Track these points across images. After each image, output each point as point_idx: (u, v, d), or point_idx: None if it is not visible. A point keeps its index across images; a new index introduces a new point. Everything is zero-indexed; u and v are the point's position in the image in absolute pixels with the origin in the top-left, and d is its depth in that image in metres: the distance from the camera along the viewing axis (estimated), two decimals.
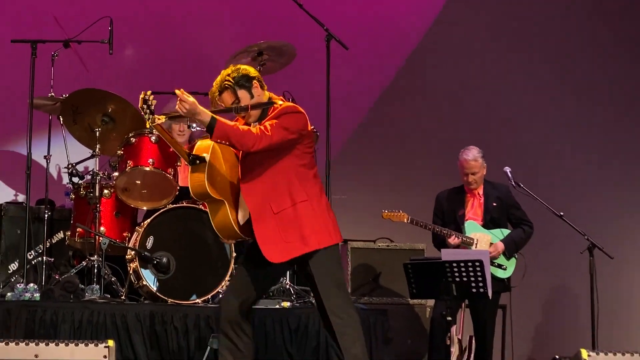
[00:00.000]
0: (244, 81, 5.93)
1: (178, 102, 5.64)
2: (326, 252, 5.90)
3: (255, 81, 5.96)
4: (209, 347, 6.61)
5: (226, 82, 5.92)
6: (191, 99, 5.65)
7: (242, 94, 5.91)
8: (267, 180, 5.87)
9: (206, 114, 5.68)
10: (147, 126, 5.88)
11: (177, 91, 5.68)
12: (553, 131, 10.32)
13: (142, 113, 5.67)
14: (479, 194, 8.04)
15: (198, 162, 5.82)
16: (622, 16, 10.60)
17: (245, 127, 5.81)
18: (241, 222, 5.90)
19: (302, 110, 5.98)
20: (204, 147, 5.92)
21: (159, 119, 5.71)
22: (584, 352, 5.83)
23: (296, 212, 5.86)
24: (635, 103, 10.48)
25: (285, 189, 5.87)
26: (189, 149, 5.98)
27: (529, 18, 10.50)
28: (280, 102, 5.97)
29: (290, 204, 5.86)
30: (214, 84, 5.98)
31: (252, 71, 6.00)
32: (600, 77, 10.48)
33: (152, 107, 5.64)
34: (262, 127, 5.79)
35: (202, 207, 7.23)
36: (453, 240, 7.82)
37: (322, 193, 6.04)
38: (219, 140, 5.75)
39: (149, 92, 5.68)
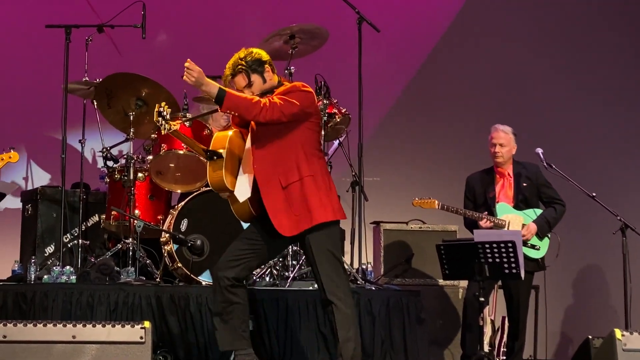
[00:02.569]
0: (257, 65, 6.02)
1: (185, 72, 5.73)
2: (328, 228, 6.01)
3: (267, 65, 6.05)
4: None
5: (240, 66, 6.01)
6: (197, 69, 5.75)
7: (255, 77, 6.01)
8: (276, 154, 5.96)
9: (213, 85, 5.79)
10: (162, 132, 5.94)
11: (186, 63, 5.75)
12: (583, 114, 10.26)
13: (158, 124, 5.81)
14: (508, 174, 7.98)
15: (215, 157, 5.96)
16: None
17: (256, 97, 5.88)
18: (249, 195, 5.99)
19: (311, 90, 6.07)
20: (220, 139, 6.05)
21: (174, 125, 5.85)
22: (618, 332, 5.82)
23: (302, 186, 5.95)
24: None
25: (293, 164, 5.96)
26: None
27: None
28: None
29: (298, 178, 5.95)
30: (226, 66, 6.07)
31: (264, 55, 6.08)
32: (630, 58, 10.41)
33: (167, 116, 5.78)
34: (271, 99, 5.86)
35: None
36: (485, 223, 7.78)
37: (326, 171, 6.14)
38: (228, 111, 5.88)
39: (163, 103, 5.84)
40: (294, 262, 7.56)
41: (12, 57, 9.51)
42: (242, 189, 6.02)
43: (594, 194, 8.11)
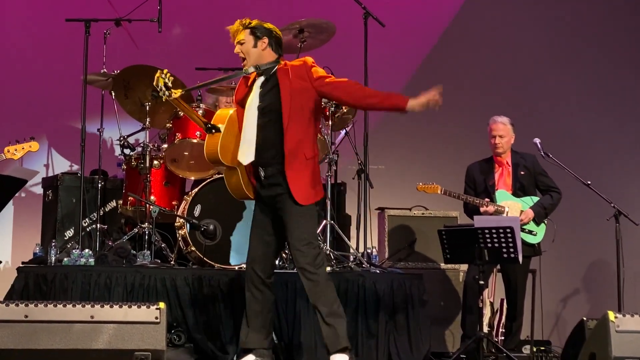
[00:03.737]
0: (257, 30, 6.08)
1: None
2: (313, 206, 6.06)
3: (266, 38, 6.07)
4: None
5: (244, 24, 6.11)
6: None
7: (247, 37, 6.07)
8: (303, 129, 5.96)
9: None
10: (163, 99, 5.96)
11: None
12: (579, 107, 10.23)
13: (158, 90, 5.83)
14: (507, 163, 7.95)
15: (214, 131, 6.02)
16: None
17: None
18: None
19: None
20: (222, 117, 6.12)
21: (175, 93, 5.87)
22: (611, 314, 5.79)
23: (315, 162, 6.04)
24: None
25: (312, 140, 6.02)
26: None
27: None
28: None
29: (312, 154, 6.01)
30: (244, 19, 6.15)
31: (273, 29, 6.14)
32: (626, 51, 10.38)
33: (169, 84, 5.84)
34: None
35: None
36: (486, 209, 7.75)
37: None
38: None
39: (165, 70, 5.87)
40: None
41: (34, 49, 9.50)
42: (247, 153, 6.02)
43: (589, 182, 8.08)
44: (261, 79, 6.07)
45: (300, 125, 5.93)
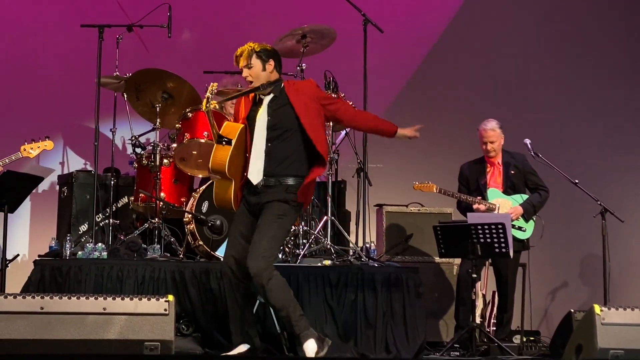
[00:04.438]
0: (263, 54, 6.11)
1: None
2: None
3: (272, 60, 6.13)
4: (257, 301, 6.62)
5: (251, 49, 6.11)
6: None
7: (255, 62, 6.09)
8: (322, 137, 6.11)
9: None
10: (203, 108, 5.98)
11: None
12: (570, 111, 10.21)
13: (204, 98, 5.92)
14: (498, 163, 7.97)
15: (224, 143, 5.98)
16: None
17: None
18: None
19: None
20: (231, 129, 6.06)
21: (212, 103, 5.94)
22: (597, 307, 5.80)
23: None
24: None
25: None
26: None
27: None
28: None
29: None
30: (245, 45, 6.15)
31: (274, 51, 6.20)
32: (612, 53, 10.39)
33: (212, 96, 5.92)
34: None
35: None
36: (479, 206, 7.77)
37: None
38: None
39: (215, 85, 5.99)
40: (304, 241, 7.56)
41: (50, 53, 9.50)
42: (255, 173, 6.02)
43: (576, 181, 8.09)
44: (270, 96, 6.09)
45: (319, 134, 6.05)
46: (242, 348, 6.13)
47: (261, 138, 6.02)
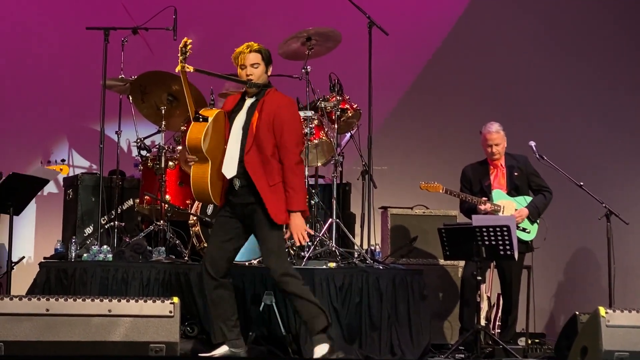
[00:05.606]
0: (269, 59, 6.16)
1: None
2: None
3: (270, 66, 6.18)
4: (263, 303, 6.62)
5: (262, 50, 6.13)
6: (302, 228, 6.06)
7: (261, 65, 6.11)
8: (269, 159, 5.99)
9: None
10: (178, 68, 5.98)
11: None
12: (575, 112, 10.20)
13: (179, 54, 5.91)
14: (501, 165, 7.96)
15: (201, 120, 5.94)
16: None
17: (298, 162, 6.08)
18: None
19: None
20: (208, 110, 6.12)
21: (188, 67, 5.93)
22: (602, 310, 5.79)
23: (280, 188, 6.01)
24: None
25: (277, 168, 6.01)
26: None
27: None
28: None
29: (279, 180, 6.01)
30: (252, 43, 6.14)
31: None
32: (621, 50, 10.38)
33: (187, 55, 5.93)
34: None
35: None
36: (484, 206, 7.76)
37: None
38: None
39: (189, 40, 5.96)
40: (309, 244, 7.55)
41: (56, 55, 9.51)
42: (230, 167, 6.01)
43: (581, 183, 8.08)
44: (253, 99, 6.11)
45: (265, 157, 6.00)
46: (222, 350, 6.12)
47: (237, 136, 6.05)
